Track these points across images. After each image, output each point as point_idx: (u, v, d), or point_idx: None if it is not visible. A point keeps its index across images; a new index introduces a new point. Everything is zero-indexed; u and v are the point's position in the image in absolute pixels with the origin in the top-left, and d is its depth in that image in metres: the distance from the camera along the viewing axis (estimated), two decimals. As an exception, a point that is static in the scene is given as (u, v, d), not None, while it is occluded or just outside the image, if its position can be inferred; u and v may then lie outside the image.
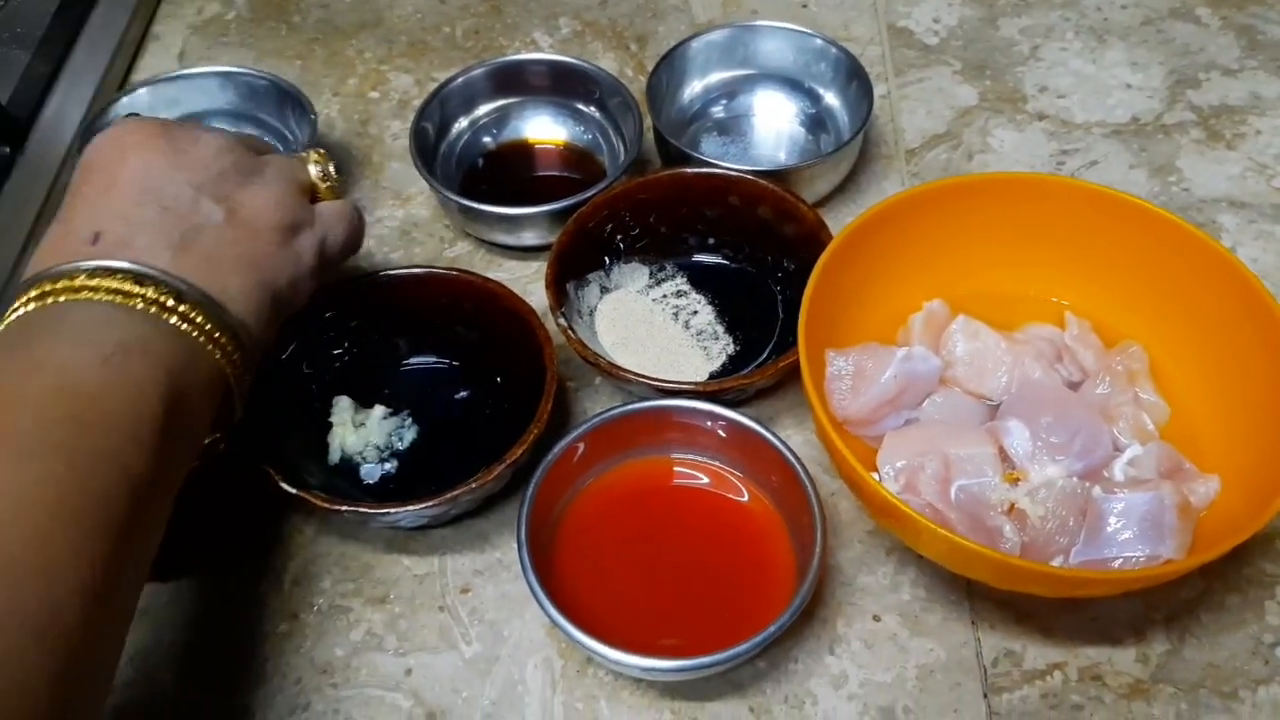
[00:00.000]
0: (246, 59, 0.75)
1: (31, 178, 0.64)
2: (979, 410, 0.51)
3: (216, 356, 0.42)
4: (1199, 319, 0.51)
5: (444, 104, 0.65)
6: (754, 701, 0.46)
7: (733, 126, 0.68)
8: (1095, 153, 0.67)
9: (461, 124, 0.67)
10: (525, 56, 0.67)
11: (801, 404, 0.55)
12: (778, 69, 0.68)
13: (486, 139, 0.67)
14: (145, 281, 0.41)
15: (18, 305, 0.41)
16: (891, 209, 0.52)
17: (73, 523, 0.35)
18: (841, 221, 0.53)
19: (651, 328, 0.58)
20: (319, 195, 0.51)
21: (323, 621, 0.49)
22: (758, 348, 0.57)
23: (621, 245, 0.59)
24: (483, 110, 0.67)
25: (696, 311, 0.59)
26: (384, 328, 0.56)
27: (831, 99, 0.67)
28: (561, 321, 0.53)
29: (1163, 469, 0.47)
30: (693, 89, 0.68)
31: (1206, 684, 0.46)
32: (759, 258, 0.60)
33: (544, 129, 0.68)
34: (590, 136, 0.67)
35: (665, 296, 0.60)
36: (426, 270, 0.55)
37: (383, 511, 0.47)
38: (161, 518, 0.40)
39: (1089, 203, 0.52)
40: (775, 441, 0.47)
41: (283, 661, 0.48)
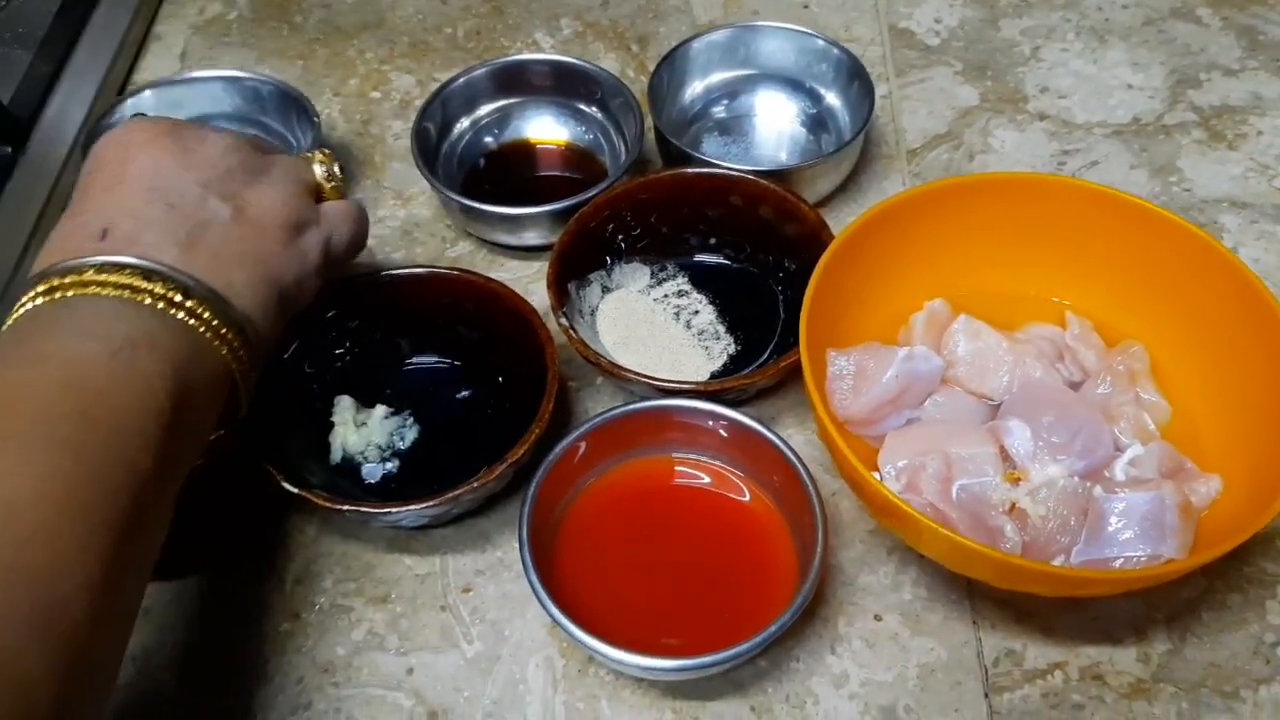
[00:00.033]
0: (248, 59, 0.75)
1: (33, 177, 0.64)
2: (980, 410, 0.51)
3: (223, 352, 0.42)
4: (1200, 319, 0.51)
5: (446, 104, 0.65)
6: (755, 701, 0.46)
7: (734, 127, 0.68)
8: (1096, 153, 0.67)
9: (463, 124, 0.67)
10: (527, 57, 0.67)
11: (803, 404, 0.55)
12: (779, 69, 0.68)
13: (488, 139, 0.67)
14: (153, 277, 0.41)
15: (25, 300, 0.41)
16: (893, 209, 0.52)
17: (80, 518, 0.35)
18: (843, 221, 0.53)
19: (653, 327, 0.58)
20: (324, 195, 0.51)
21: (324, 621, 0.49)
22: (759, 348, 0.57)
23: (623, 245, 0.59)
24: (484, 110, 0.67)
25: (698, 311, 0.59)
26: (386, 327, 0.56)
27: (833, 99, 0.67)
28: (563, 321, 0.53)
29: (1164, 469, 0.47)
30: (694, 89, 0.68)
31: (1208, 683, 0.46)
32: (760, 258, 0.60)
33: (546, 129, 0.68)
34: (592, 137, 0.67)
35: (667, 296, 0.60)
36: (428, 270, 0.55)
37: (384, 511, 0.47)
38: (166, 514, 0.40)
39: (1090, 203, 0.52)
40: (777, 441, 0.48)
41: (284, 661, 0.48)
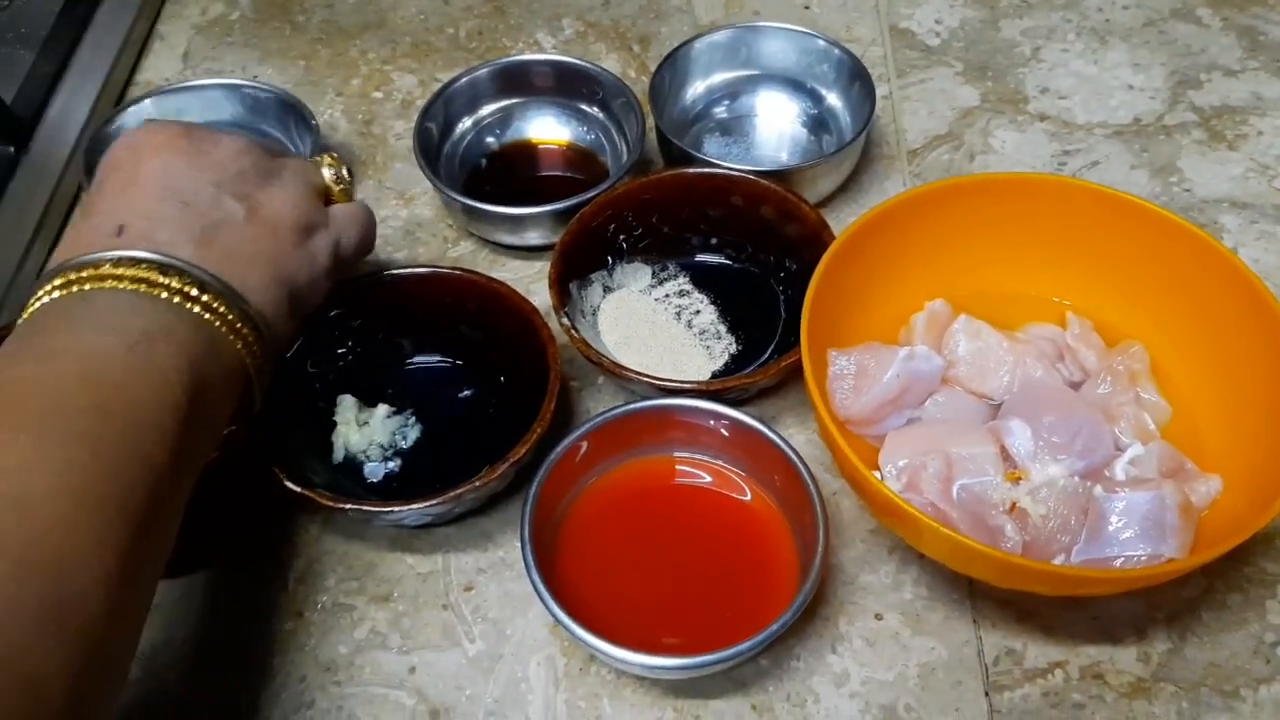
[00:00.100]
0: (250, 59, 0.75)
1: (36, 177, 0.64)
2: (981, 409, 0.51)
3: (238, 347, 0.43)
4: (1201, 319, 0.51)
5: (448, 104, 0.65)
6: (756, 699, 0.46)
7: (735, 127, 0.68)
8: (1097, 153, 0.67)
9: (465, 124, 0.67)
10: (528, 57, 0.67)
11: (804, 403, 0.55)
12: (780, 70, 0.68)
13: (490, 139, 0.67)
14: (169, 271, 0.41)
15: (41, 294, 0.41)
16: (893, 209, 0.52)
17: (97, 512, 0.35)
18: (844, 222, 0.54)
19: (654, 327, 0.58)
20: (332, 198, 0.51)
21: (327, 619, 0.49)
22: (760, 347, 0.57)
23: (624, 245, 0.60)
24: (486, 110, 0.67)
25: (699, 311, 0.59)
26: (388, 327, 0.56)
27: (834, 100, 0.67)
28: (565, 321, 0.53)
29: (1164, 468, 0.47)
30: (695, 90, 0.68)
31: (1208, 683, 0.46)
32: (761, 258, 0.60)
33: (547, 129, 0.68)
34: (593, 137, 0.67)
35: (668, 296, 0.60)
36: (430, 270, 0.55)
37: (386, 510, 0.47)
38: (180, 508, 0.40)
39: (1090, 203, 0.53)
40: (778, 440, 0.48)
41: (287, 659, 0.48)
